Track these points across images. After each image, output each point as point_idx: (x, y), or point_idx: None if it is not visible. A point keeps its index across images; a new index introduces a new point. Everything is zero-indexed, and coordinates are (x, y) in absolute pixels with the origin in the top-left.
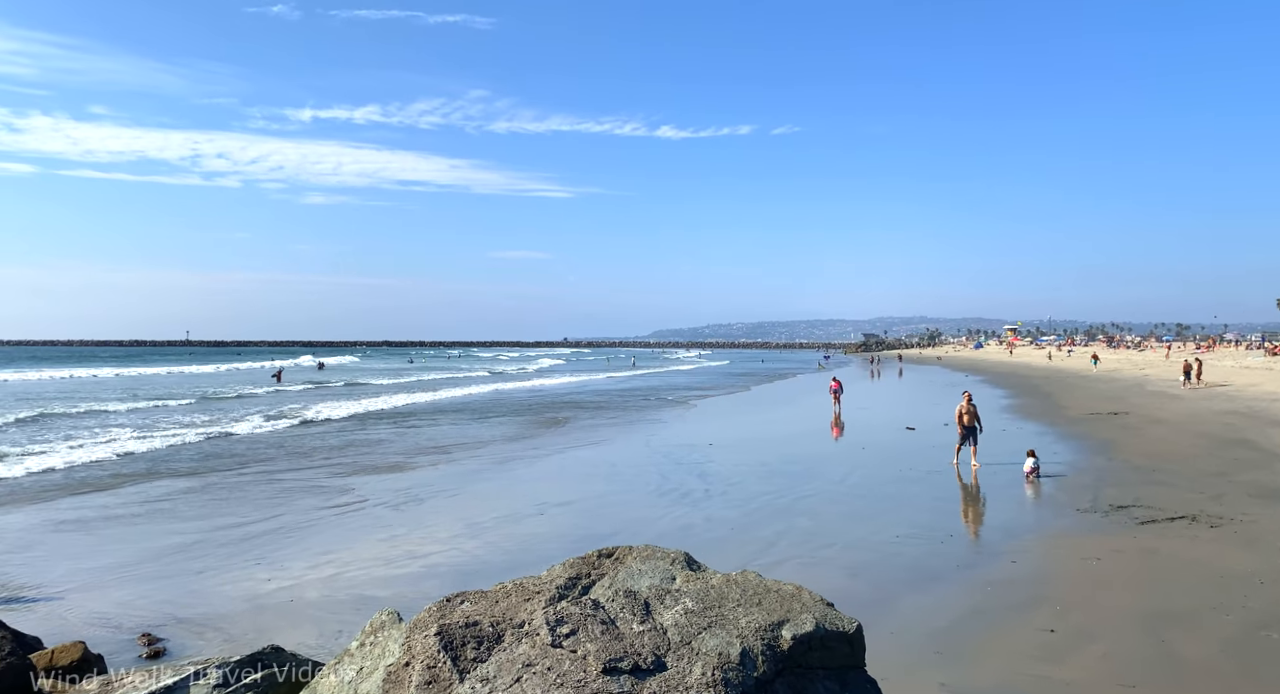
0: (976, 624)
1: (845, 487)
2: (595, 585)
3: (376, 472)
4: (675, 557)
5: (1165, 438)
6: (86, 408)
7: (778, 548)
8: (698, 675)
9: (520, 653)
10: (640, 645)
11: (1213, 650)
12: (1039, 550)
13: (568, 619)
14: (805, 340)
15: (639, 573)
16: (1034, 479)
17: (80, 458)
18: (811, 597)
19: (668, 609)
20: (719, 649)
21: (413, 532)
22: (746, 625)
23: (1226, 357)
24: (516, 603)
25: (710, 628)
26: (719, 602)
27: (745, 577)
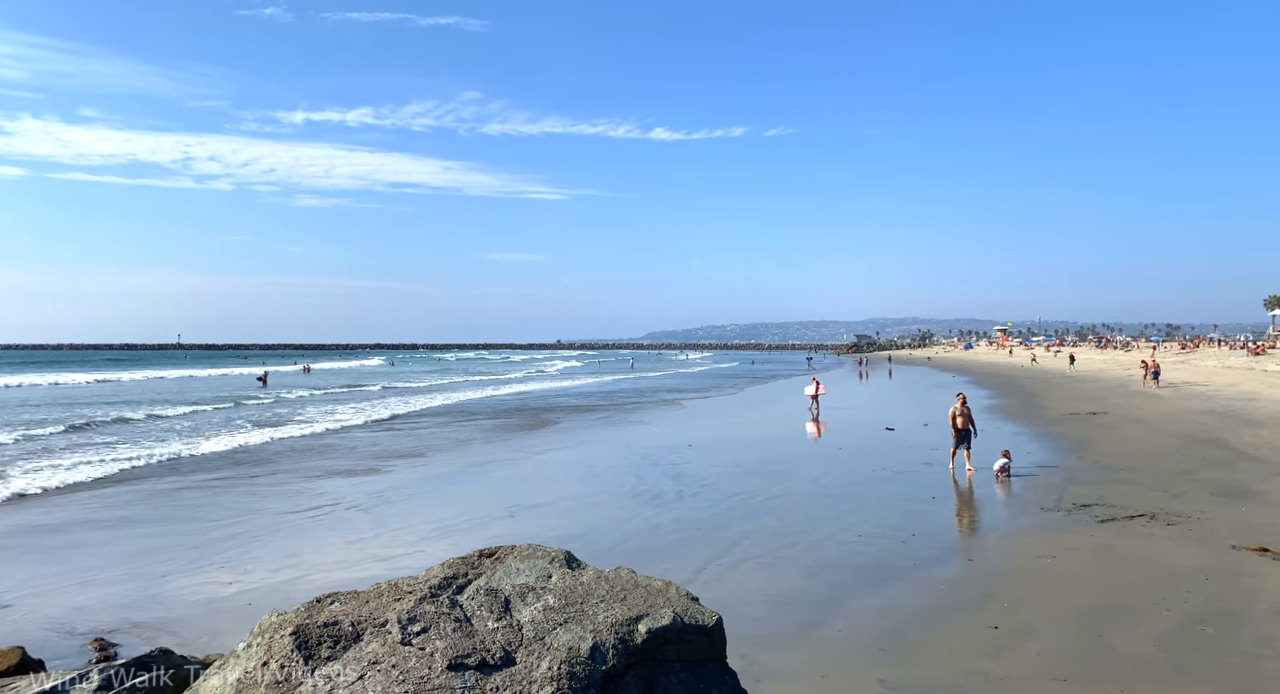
0: (924, 622)
1: (817, 487)
2: (469, 585)
3: (351, 474)
4: (555, 555)
5: (1139, 437)
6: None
7: (741, 547)
8: (544, 669)
9: (369, 651)
10: (490, 642)
11: (1147, 644)
12: (997, 549)
13: (420, 618)
14: (799, 341)
15: (516, 572)
16: (1004, 478)
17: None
18: (678, 592)
19: (528, 606)
20: (570, 644)
21: (380, 534)
22: (603, 621)
23: (1210, 356)
24: (387, 603)
25: (566, 624)
26: (584, 598)
27: (619, 573)
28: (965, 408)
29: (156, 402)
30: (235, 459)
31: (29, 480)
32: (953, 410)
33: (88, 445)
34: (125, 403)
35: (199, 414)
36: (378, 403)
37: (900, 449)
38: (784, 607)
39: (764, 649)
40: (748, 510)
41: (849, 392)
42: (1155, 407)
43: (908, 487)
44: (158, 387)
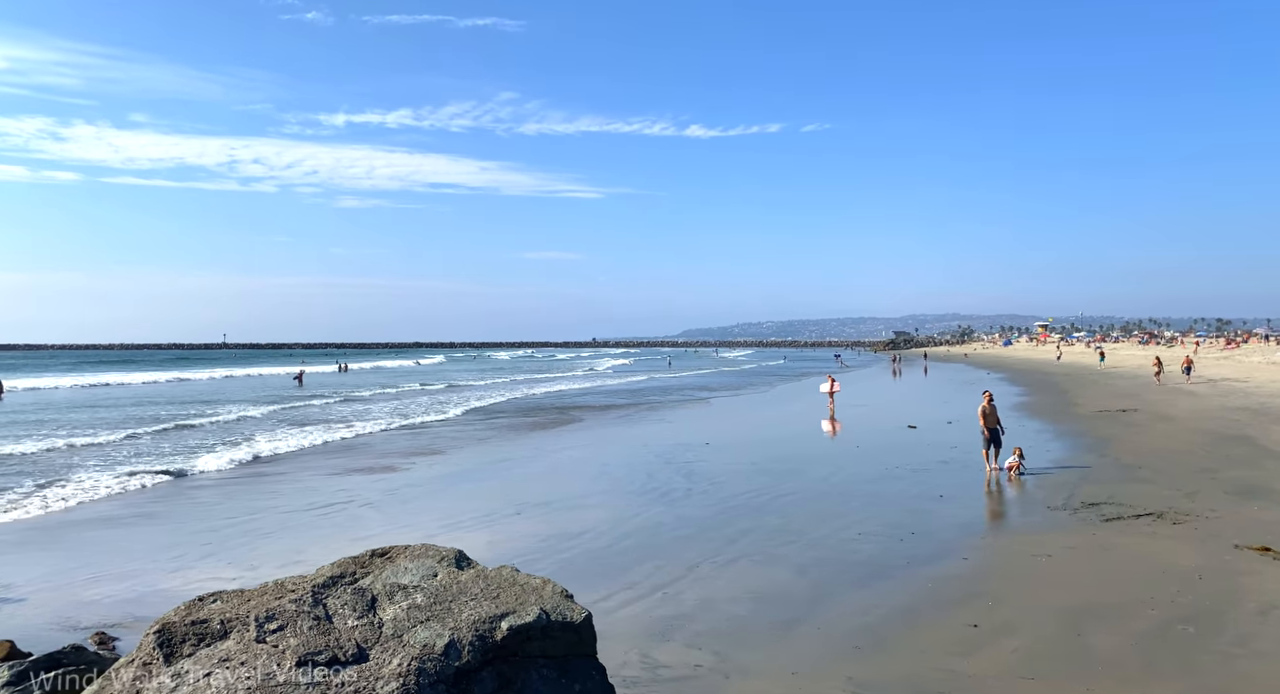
0: (903, 620)
1: (827, 485)
2: (356, 583)
3: (370, 472)
4: (445, 554)
5: (1166, 435)
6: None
7: (738, 545)
8: (394, 666)
9: (223, 648)
10: (346, 640)
11: (1123, 643)
12: (994, 547)
13: (278, 616)
14: (836, 338)
15: (403, 570)
16: (1015, 476)
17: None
18: (554, 589)
19: (394, 605)
20: (426, 641)
21: (388, 531)
22: (465, 618)
23: (1255, 352)
24: (269, 601)
25: (428, 621)
26: (455, 596)
27: (500, 572)
28: (992, 405)
29: (218, 402)
30: (261, 459)
31: (74, 487)
32: (981, 409)
33: (145, 453)
34: (188, 403)
35: (245, 419)
36: (408, 401)
37: (919, 447)
38: (768, 604)
39: (738, 646)
40: (753, 509)
41: (879, 389)
42: (1189, 404)
43: (918, 485)
44: (220, 387)
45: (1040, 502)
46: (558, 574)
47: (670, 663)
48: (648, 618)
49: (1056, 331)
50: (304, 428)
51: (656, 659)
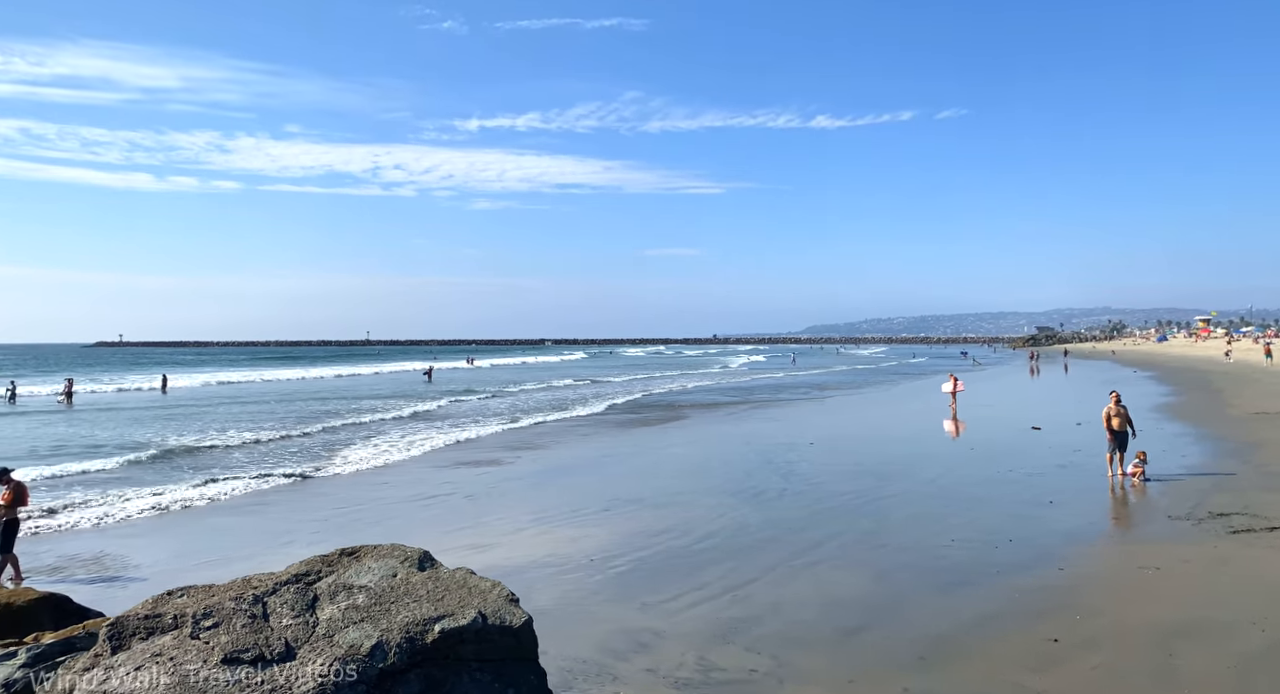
0: (978, 631)
1: (931, 488)
2: (320, 581)
3: (476, 465)
4: (409, 555)
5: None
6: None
7: (822, 549)
8: (317, 666)
9: (160, 643)
10: (275, 638)
11: (1218, 666)
12: (1096, 557)
13: (216, 612)
14: (972, 334)
15: (366, 570)
16: (1139, 482)
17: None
18: (500, 593)
19: (334, 605)
20: (354, 641)
21: (480, 524)
22: (399, 620)
23: None
24: (216, 598)
25: (361, 622)
26: (399, 598)
27: (454, 574)
28: (1120, 407)
29: (372, 398)
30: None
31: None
32: (1107, 410)
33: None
34: (349, 398)
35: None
36: (548, 397)
37: (1039, 450)
38: (838, 610)
39: (799, 651)
40: (846, 511)
41: (1011, 388)
42: None
43: (1030, 490)
44: (370, 383)
45: (1162, 510)
46: (633, 572)
47: (726, 666)
48: (712, 619)
49: (1221, 327)
50: (433, 424)
51: (713, 661)
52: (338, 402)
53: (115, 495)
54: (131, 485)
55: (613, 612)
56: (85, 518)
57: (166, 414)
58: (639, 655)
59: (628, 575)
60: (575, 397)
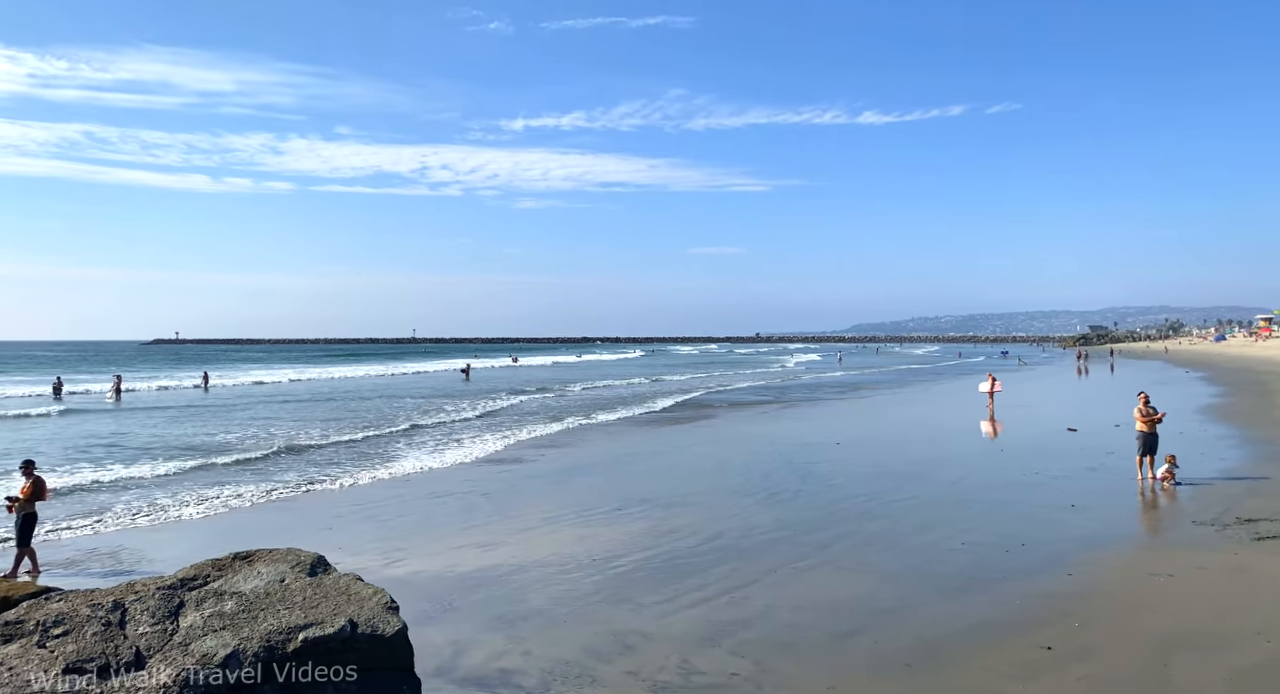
0: (972, 637)
1: (951, 490)
2: (205, 586)
3: (499, 462)
4: (302, 560)
5: None
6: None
7: (828, 551)
8: (163, 676)
9: (4, 652)
10: (126, 647)
11: (1213, 678)
12: (1108, 563)
13: (67, 620)
14: (1021, 333)
15: (255, 575)
16: (1169, 487)
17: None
18: (379, 602)
19: (199, 612)
20: (208, 650)
21: (492, 522)
22: (262, 628)
23: None
24: (89, 604)
25: (222, 630)
26: (272, 604)
27: (338, 581)
28: (1149, 408)
29: (448, 395)
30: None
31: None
32: (1136, 410)
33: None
34: (413, 397)
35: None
36: (562, 395)
37: (1071, 452)
38: (832, 614)
39: (784, 656)
40: (859, 513)
41: (1053, 388)
42: None
43: (1053, 493)
44: (438, 381)
45: (1187, 515)
46: (632, 573)
47: (708, 670)
48: (703, 622)
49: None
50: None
51: (695, 665)
52: (373, 402)
53: (136, 495)
54: (158, 487)
55: (605, 613)
56: (113, 515)
57: (194, 414)
58: (623, 658)
59: (627, 576)
60: (636, 395)
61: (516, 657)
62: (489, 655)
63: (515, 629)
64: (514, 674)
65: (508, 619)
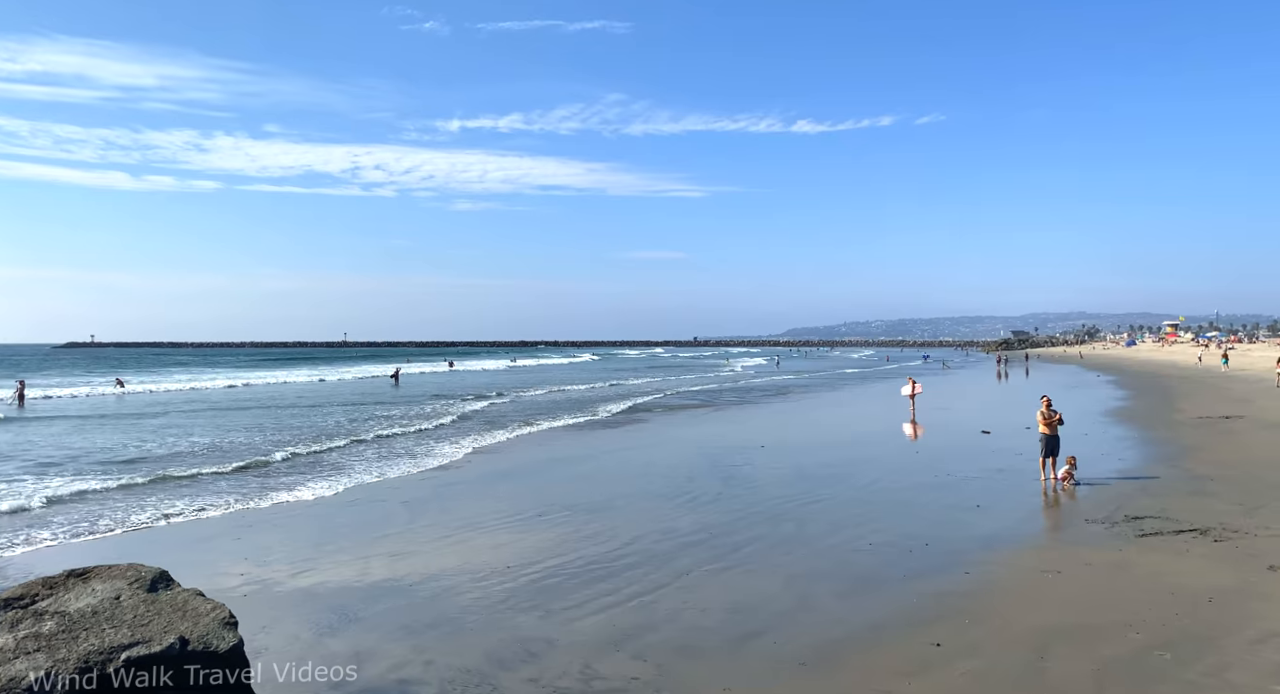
0: (868, 636)
1: (865, 492)
2: (31, 606)
3: (422, 470)
4: (141, 576)
5: (1261, 444)
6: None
7: (740, 554)
8: None
9: None
10: None
11: (1084, 669)
12: (1004, 562)
13: None
14: (948, 338)
15: (88, 593)
16: (1069, 486)
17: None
18: (215, 617)
19: (14, 633)
20: (17, 674)
21: (408, 531)
22: (82, 649)
23: None
24: None
25: (37, 651)
26: (97, 624)
27: (176, 597)
28: (1052, 411)
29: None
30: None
31: None
32: (1038, 415)
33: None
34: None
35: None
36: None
37: (982, 454)
38: (738, 615)
39: (686, 659)
40: (774, 515)
41: (974, 392)
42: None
43: (961, 494)
44: (365, 387)
45: (1082, 514)
46: (545, 579)
47: (608, 675)
48: (610, 627)
49: (1187, 331)
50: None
51: (596, 670)
52: (297, 409)
53: (24, 518)
54: (56, 504)
55: (512, 620)
56: None
57: (103, 422)
58: (526, 665)
59: (539, 583)
60: (575, 401)
61: (417, 667)
62: (389, 666)
63: (419, 639)
64: (413, 685)
65: (413, 629)
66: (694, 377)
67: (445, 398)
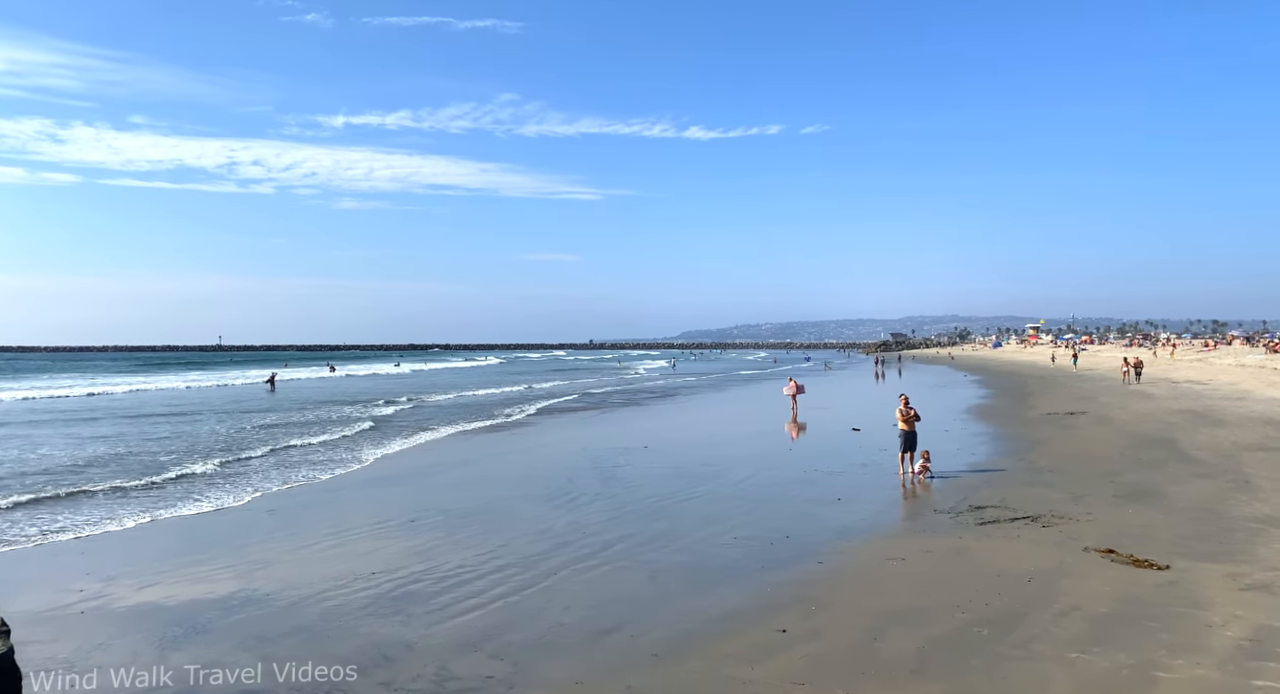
0: (721, 626)
1: (737, 489)
2: None
3: (292, 480)
4: None
5: (1097, 438)
6: None
7: (610, 551)
8: None
9: None
10: None
11: (911, 648)
12: (855, 551)
13: None
14: (833, 340)
15: None
16: (924, 480)
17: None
18: None
19: None
20: None
21: (268, 541)
22: None
23: (1228, 355)
24: None
25: None
26: None
27: None
28: (910, 409)
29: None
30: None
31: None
32: (898, 412)
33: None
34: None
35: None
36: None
37: (850, 450)
38: (599, 612)
39: (543, 656)
40: (648, 513)
41: (852, 391)
42: (1138, 406)
43: (826, 489)
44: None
45: (930, 505)
46: (411, 585)
47: (464, 674)
48: (471, 628)
49: (1048, 333)
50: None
51: (452, 671)
52: (160, 418)
53: None
54: None
55: (372, 626)
56: None
57: None
58: (380, 669)
59: (404, 588)
60: (466, 406)
61: (265, 676)
62: (235, 678)
63: (271, 648)
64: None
65: (266, 638)
66: (595, 379)
67: (325, 404)
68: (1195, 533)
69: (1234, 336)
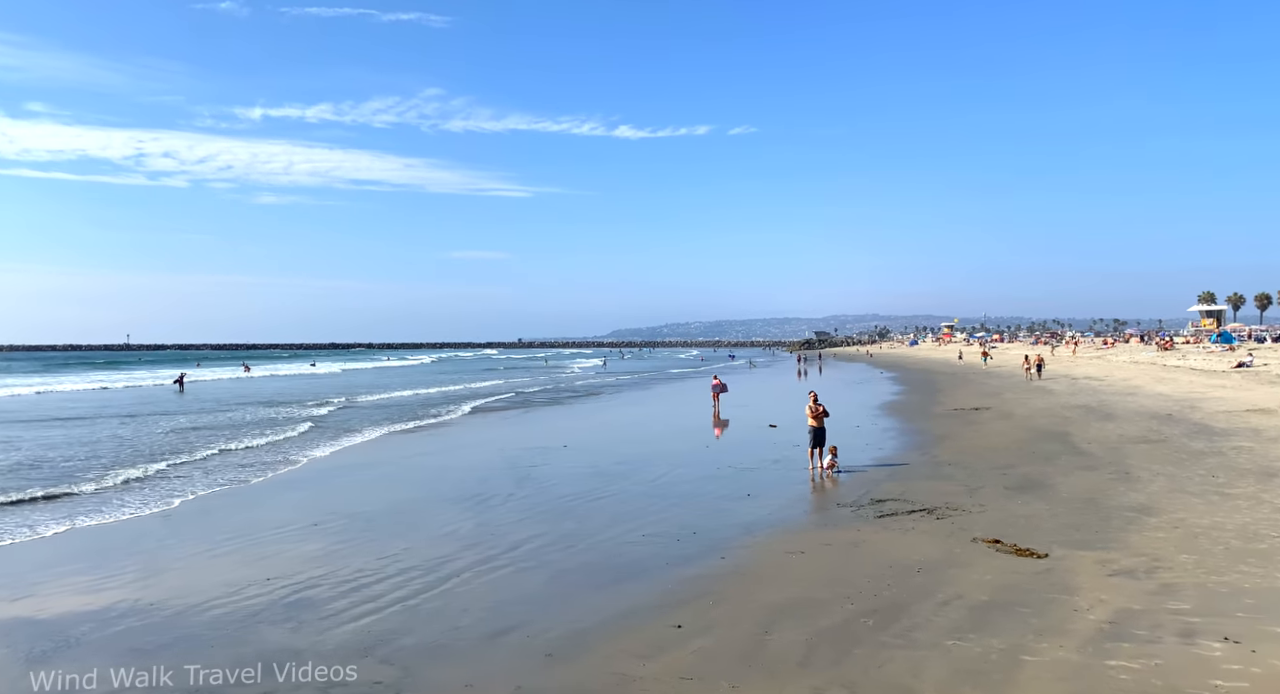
0: (618, 623)
1: (650, 486)
2: None
3: (174, 487)
4: None
5: (996, 432)
6: None
7: (516, 552)
8: None
9: None
10: None
11: (799, 639)
12: (757, 545)
13: None
14: (760, 338)
15: None
16: (832, 475)
17: None
18: None
19: None
20: None
21: (163, 549)
22: None
23: (1125, 352)
24: None
25: None
26: None
27: None
28: (818, 406)
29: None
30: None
31: None
32: (807, 409)
33: None
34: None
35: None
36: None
37: (764, 446)
38: (497, 613)
39: (434, 660)
40: (558, 513)
41: (773, 389)
42: (1038, 402)
43: (736, 484)
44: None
45: (834, 500)
46: (306, 590)
47: (351, 681)
48: (365, 634)
49: (961, 332)
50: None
51: (340, 679)
52: (55, 423)
53: None
54: None
55: (260, 635)
56: None
57: None
58: (267, 678)
59: (298, 594)
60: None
61: (139, 689)
62: (108, 690)
63: (150, 659)
64: None
65: (144, 650)
66: (528, 378)
67: (233, 408)
68: (1075, 522)
69: (1131, 335)
